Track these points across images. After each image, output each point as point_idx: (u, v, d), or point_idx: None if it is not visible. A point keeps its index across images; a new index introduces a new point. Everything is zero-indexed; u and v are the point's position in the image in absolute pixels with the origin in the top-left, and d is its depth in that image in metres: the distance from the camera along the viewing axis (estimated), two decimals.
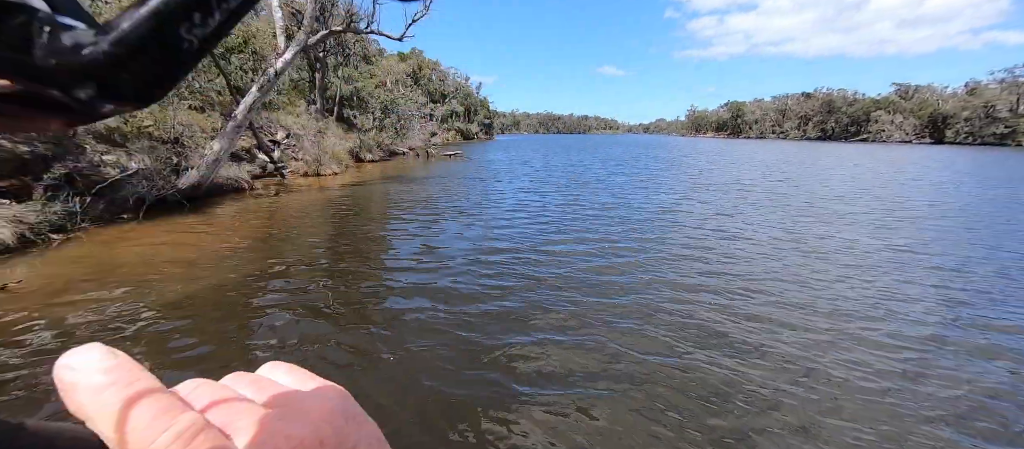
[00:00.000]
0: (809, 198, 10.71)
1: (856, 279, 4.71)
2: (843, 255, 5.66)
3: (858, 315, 3.77)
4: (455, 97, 57.53)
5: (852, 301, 4.09)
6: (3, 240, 4.56)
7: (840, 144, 62.45)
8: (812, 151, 37.76)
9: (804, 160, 25.61)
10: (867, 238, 6.59)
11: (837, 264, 5.25)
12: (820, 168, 19.98)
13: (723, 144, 60.06)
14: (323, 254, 5.46)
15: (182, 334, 3.21)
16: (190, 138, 8.74)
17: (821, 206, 9.53)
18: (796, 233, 6.86)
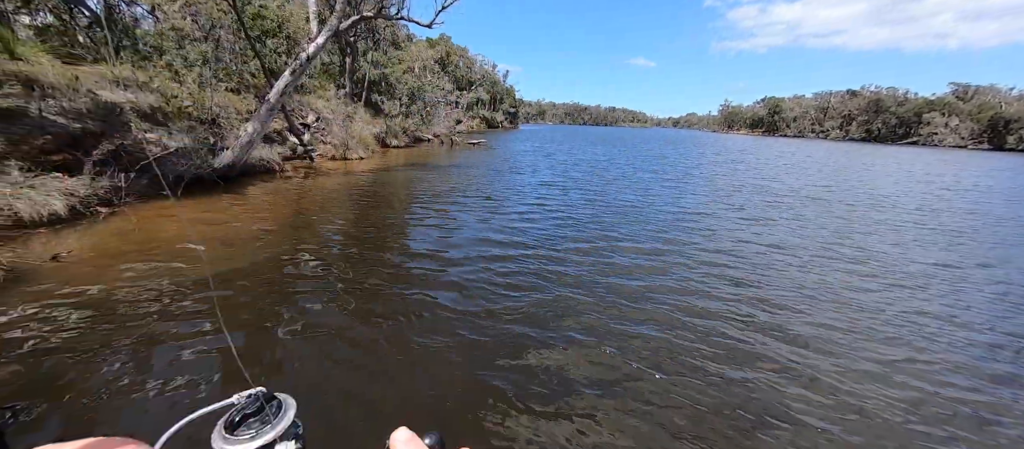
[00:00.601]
0: (852, 205, 10.12)
1: (907, 302, 4.34)
2: (891, 272, 5.24)
3: (910, 343, 3.47)
4: (481, 85, 57.33)
5: (903, 327, 3.75)
6: (56, 211, 4.86)
7: (886, 147, 58.64)
8: (856, 153, 35.62)
9: (848, 163, 24.20)
10: (920, 254, 6.11)
11: (884, 283, 4.87)
12: (865, 172, 18.83)
13: (758, 142, 57.45)
14: (347, 239, 5.57)
15: (206, 307, 3.35)
16: (226, 119, 9.05)
17: (866, 215, 8.98)
18: (838, 245, 6.45)
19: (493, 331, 3.33)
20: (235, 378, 2.57)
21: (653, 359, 3.05)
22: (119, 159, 6.30)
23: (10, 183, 4.73)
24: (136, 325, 3.06)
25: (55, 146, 5.62)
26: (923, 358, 3.28)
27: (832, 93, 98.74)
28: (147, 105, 7.50)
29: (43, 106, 5.67)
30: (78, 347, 2.75)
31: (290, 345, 3.00)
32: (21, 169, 4.95)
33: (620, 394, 2.66)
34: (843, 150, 40.17)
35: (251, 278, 4.02)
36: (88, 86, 6.79)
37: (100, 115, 6.39)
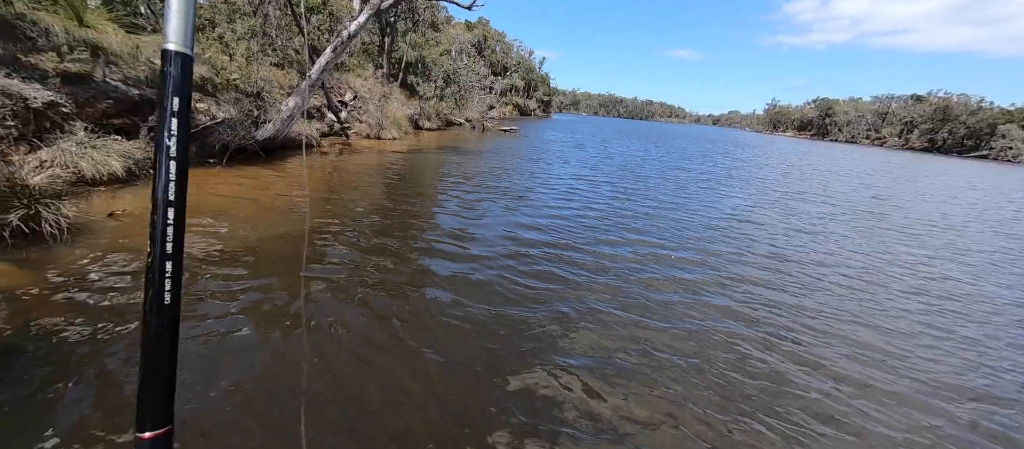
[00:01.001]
0: (911, 221, 9.38)
1: (980, 340, 3.85)
2: (954, 302, 4.71)
3: (982, 393, 3.02)
4: (516, 71, 56.75)
5: (972, 370, 3.29)
6: (114, 172, 5.21)
7: (951, 159, 53.79)
8: (918, 164, 32.89)
9: (907, 173, 22.40)
10: (991, 285, 5.51)
11: (950, 313, 4.39)
12: (926, 184, 17.38)
13: (806, 145, 54.09)
14: (375, 218, 5.68)
15: (250, 270, 3.52)
16: (269, 93, 9.38)
17: (928, 234, 8.30)
18: (895, 266, 5.96)
19: (507, 323, 3.28)
20: (277, 322, 2.68)
21: (674, 372, 2.92)
22: None
23: (77, 142, 5.09)
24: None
25: (116, 110, 5.99)
26: (986, 422, 3.00)
27: (893, 97, 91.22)
28: (199, 76, 7.85)
29: (107, 72, 6.04)
30: (121, 298, 2.95)
31: (312, 308, 3.09)
32: (86, 130, 5.32)
33: (633, 403, 2.57)
34: (903, 160, 37.19)
35: (281, 244, 4.17)
36: (147, 55, 7.18)
37: (157, 83, 6.76)
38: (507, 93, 52.52)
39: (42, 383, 2.15)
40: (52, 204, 3.86)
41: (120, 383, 2.23)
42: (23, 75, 5.04)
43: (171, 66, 0.60)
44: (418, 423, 2.20)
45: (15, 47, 5.26)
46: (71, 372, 2.24)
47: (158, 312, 0.60)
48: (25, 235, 3.54)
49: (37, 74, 5.22)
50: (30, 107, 4.91)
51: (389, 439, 2.08)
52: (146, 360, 0.60)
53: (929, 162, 37.90)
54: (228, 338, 2.71)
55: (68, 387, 2.15)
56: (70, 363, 2.31)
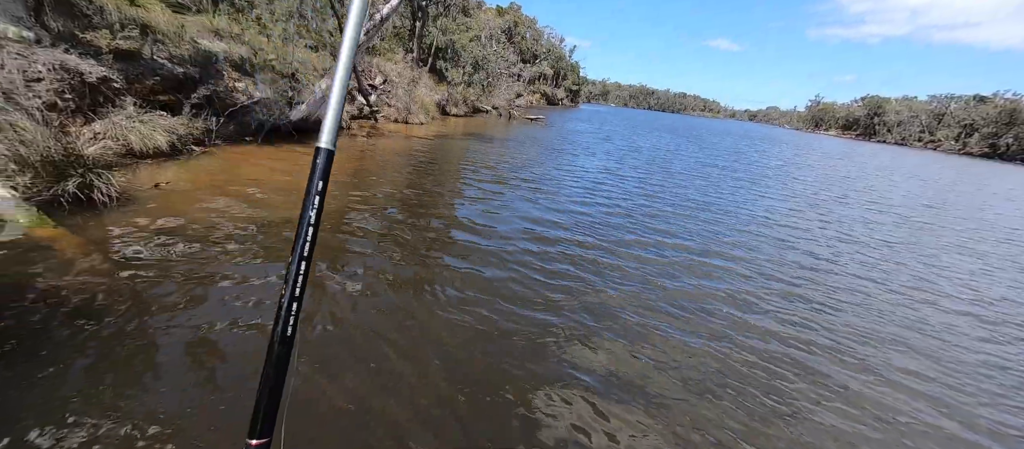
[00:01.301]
0: (968, 233, 8.72)
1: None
2: (1013, 328, 4.32)
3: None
4: (546, 59, 55.86)
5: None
6: (159, 146, 5.49)
7: (1015, 166, 49.40)
8: (979, 170, 30.41)
9: (967, 180, 20.79)
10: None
11: (1007, 342, 4.05)
12: (988, 194, 16.09)
13: (851, 146, 50.96)
14: (400, 202, 5.77)
15: (282, 244, 3.65)
16: (303, 74, 9.61)
17: (987, 248, 7.70)
18: (946, 280, 5.56)
19: (521, 314, 3.26)
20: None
21: (693, 378, 2.82)
22: (212, 104, 6.94)
23: (126, 116, 5.38)
24: (215, 250, 3.41)
25: (162, 87, 6.29)
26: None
27: (953, 97, 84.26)
28: (238, 56, 8.13)
29: (155, 50, 6.33)
30: (167, 263, 3.12)
31: (330, 285, 3.18)
32: (135, 105, 5.61)
33: (646, 409, 2.47)
34: (964, 165, 34.47)
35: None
36: (191, 34, 7.48)
37: (200, 62, 7.04)
38: (535, 81, 51.87)
39: (79, 344, 2.31)
40: (103, 174, 4.11)
41: (160, 342, 2.37)
42: (80, 51, 5.35)
43: (320, 158, 0.79)
44: (412, 416, 2.23)
45: (73, 24, 5.58)
46: (119, 327, 2.40)
47: (281, 341, 0.72)
48: (79, 201, 3.79)
49: (92, 50, 5.53)
50: (86, 81, 5.21)
51: (384, 432, 2.12)
52: (265, 378, 0.72)
53: (991, 169, 34.97)
54: (244, 311, 2.83)
55: (114, 344, 2.30)
56: (116, 318, 2.47)
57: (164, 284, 2.91)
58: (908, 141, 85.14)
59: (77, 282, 2.78)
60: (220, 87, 7.21)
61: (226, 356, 2.37)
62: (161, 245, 3.42)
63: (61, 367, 2.11)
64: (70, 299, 2.60)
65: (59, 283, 2.74)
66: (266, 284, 3.11)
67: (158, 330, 2.48)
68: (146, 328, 2.47)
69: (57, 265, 2.93)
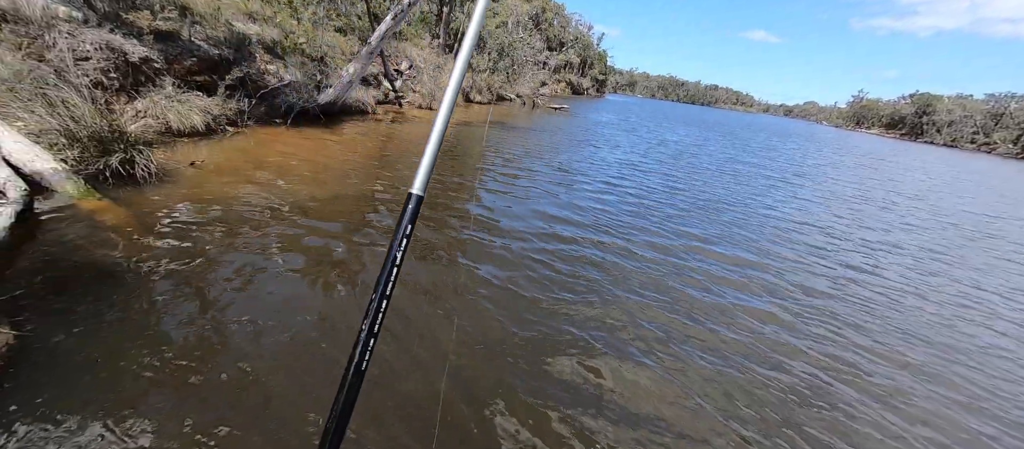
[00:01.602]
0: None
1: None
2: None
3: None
4: (573, 47, 54.76)
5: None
6: (195, 126, 5.71)
7: None
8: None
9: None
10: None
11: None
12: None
13: (896, 146, 47.94)
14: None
15: (305, 224, 3.77)
16: (332, 58, 9.75)
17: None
18: (1006, 301, 5.21)
19: (534, 312, 3.15)
20: (320, 275, 2.88)
21: (711, 394, 2.66)
22: (245, 85, 7.15)
23: (165, 96, 5.61)
24: (246, 228, 3.54)
25: (199, 68, 6.51)
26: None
27: (1014, 96, 77.69)
28: (270, 39, 8.31)
29: (192, 31, 6.54)
30: (201, 238, 3.26)
31: (350, 261, 3.25)
32: (173, 85, 5.83)
33: (656, 426, 2.32)
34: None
35: (333, 205, 4.40)
36: (227, 17, 7.68)
37: (234, 44, 7.24)
38: (561, 69, 51.00)
39: (121, 309, 2.45)
40: (144, 150, 4.31)
41: (190, 318, 2.48)
42: (123, 31, 5.58)
43: (410, 203, 0.84)
44: (423, 392, 2.26)
45: (117, 4, 5.81)
46: (149, 297, 2.54)
47: (355, 373, 0.76)
48: (121, 176, 4.00)
49: (135, 30, 5.76)
50: (129, 61, 5.45)
51: (395, 406, 2.16)
52: (337, 405, 0.76)
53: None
54: (279, 283, 2.92)
55: (143, 310, 2.43)
56: (154, 292, 2.60)
57: (193, 256, 3.04)
58: (959, 142, 79.28)
59: (117, 250, 2.94)
60: (252, 69, 7.40)
61: (261, 335, 2.46)
62: (193, 220, 3.57)
63: (93, 330, 2.24)
64: (109, 265, 2.76)
65: (100, 251, 2.90)
66: (292, 264, 3.21)
67: (185, 301, 2.60)
68: (175, 298, 2.60)
69: (102, 235, 3.10)
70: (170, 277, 2.77)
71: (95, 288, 2.55)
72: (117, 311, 2.40)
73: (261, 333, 2.44)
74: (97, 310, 2.38)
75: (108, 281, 2.63)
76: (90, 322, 2.29)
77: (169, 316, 2.45)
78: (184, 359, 2.16)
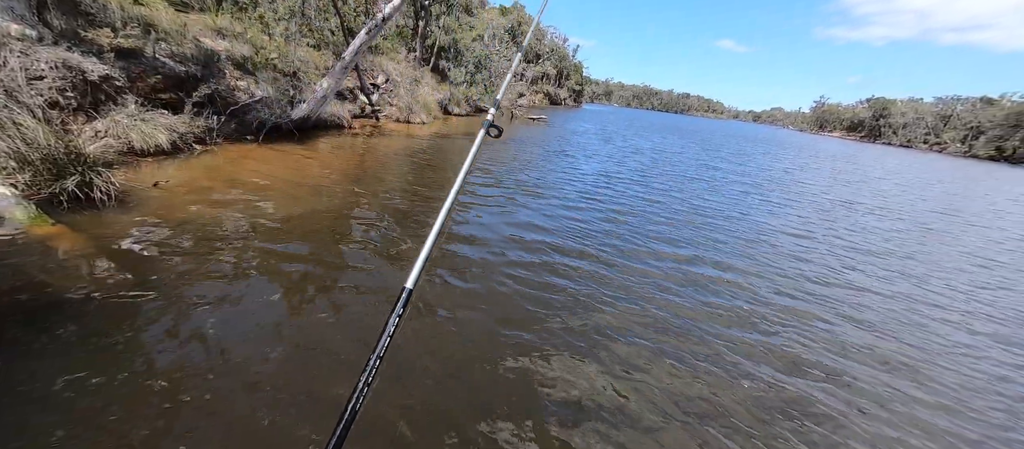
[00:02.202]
0: (985, 241, 8.65)
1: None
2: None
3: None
4: (549, 59, 55.79)
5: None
6: (160, 144, 5.51)
7: (1021, 169, 48.99)
8: (988, 173, 30.15)
9: (981, 186, 20.63)
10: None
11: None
12: (1001, 197, 15.95)
13: (856, 148, 50.55)
14: (399, 202, 5.77)
15: (280, 245, 3.65)
16: (305, 73, 9.63)
17: (1007, 258, 7.63)
18: (963, 295, 5.48)
19: (506, 334, 3.00)
20: (296, 297, 2.79)
21: (691, 410, 2.60)
22: (214, 102, 6.96)
23: (127, 114, 5.40)
24: (212, 250, 3.41)
25: (164, 86, 6.31)
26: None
27: (959, 99, 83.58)
28: (240, 55, 8.14)
29: (157, 48, 6.35)
30: (162, 262, 3.13)
31: (327, 284, 3.18)
32: (136, 104, 5.63)
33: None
34: (974, 170, 34.19)
35: (308, 223, 4.30)
36: (194, 33, 7.50)
37: (201, 60, 7.06)
38: (538, 81, 51.80)
39: (78, 340, 2.31)
40: (103, 172, 4.12)
41: (152, 348, 2.37)
42: (82, 49, 5.37)
43: (403, 297, 0.97)
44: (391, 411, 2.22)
45: (75, 22, 5.60)
46: (109, 328, 2.41)
47: (346, 424, 0.82)
48: (78, 199, 3.81)
49: (94, 48, 5.55)
50: (88, 79, 5.23)
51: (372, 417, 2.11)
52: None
53: (999, 172, 34.65)
54: (240, 312, 2.82)
55: (103, 343, 2.31)
56: (106, 320, 2.47)
57: (157, 283, 2.91)
58: (913, 143, 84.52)
59: (71, 279, 2.78)
60: (222, 85, 7.23)
61: (222, 355, 2.36)
62: (156, 244, 3.42)
63: (49, 362, 2.11)
64: (63, 296, 2.61)
65: (53, 280, 2.75)
66: (263, 285, 3.11)
67: (149, 331, 2.48)
68: (137, 328, 2.48)
69: (53, 262, 2.94)
70: (128, 306, 2.64)
71: (45, 318, 2.41)
72: (70, 342, 2.27)
73: (230, 366, 2.35)
74: (47, 342, 2.24)
75: (60, 311, 2.49)
76: (40, 355, 2.15)
77: (127, 348, 2.33)
78: (143, 395, 2.05)
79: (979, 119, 76.71)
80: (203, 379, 2.18)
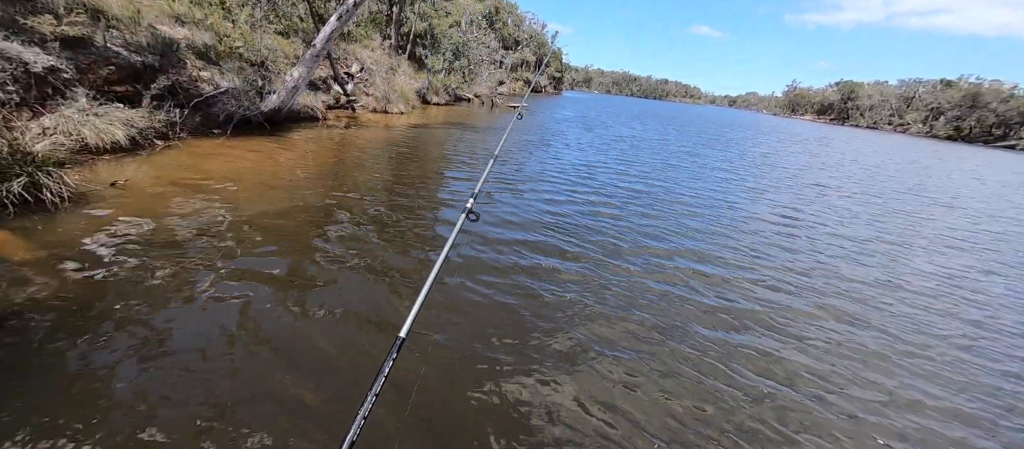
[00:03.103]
0: (948, 215, 9.07)
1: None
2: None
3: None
4: (528, 45, 55.16)
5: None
6: (118, 140, 5.16)
7: (978, 148, 51.81)
8: (949, 153, 31.68)
9: (943, 164, 21.63)
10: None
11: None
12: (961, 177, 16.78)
13: (826, 130, 52.24)
14: (379, 196, 5.61)
15: (254, 245, 3.48)
16: (273, 62, 9.19)
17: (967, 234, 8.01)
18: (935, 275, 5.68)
19: (487, 339, 2.81)
20: (271, 297, 2.66)
21: (672, 411, 2.57)
22: (175, 95, 6.56)
23: (78, 109, 5.02)
24: (177, 253, 3.22)
25: (118, 77, 5.89)
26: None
27: (921, 81, 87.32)
28: (201, 43, 7.68)
29: (107, 36, 5.91)
30: (122, 268, 2.93)
31: (305, 284, 3.06)
32: (88, 97, 5.23)
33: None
34: (935, 149, 35.88)
35: (283, 221, 4.12)
36: (149, 20, 7.01)
37: (158, 49, 6.62)
38: (517, 68, 51.25)
39: (33, 352, 2.14)
40: (53, 172, 3.83)
41: (109, 360, 2.21)
42: (22, 38, 4.93)
43: (396, 345, 1.03)
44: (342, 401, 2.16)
45: (12, 8, 5.13)
46: (64, 340, 2.24)
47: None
48: (27, 202, 3.52)
49: (36, 37, 5.11)
50: (31, 72, 4.82)
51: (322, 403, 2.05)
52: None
53: (955, 151, 36.51)
54: (208, 321, 2.68)
55: (61, 355, 2.14)
56: (63, 331, 2.30)
57: (116, 291, 2.72)
58: (879, 125, 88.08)
59: (16, 290, 2.57)
60: (183, 77, 6.81)
61: (185, 371, 2.23)
62: (116, 248, 3.20)
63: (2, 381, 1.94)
64: (5, 310, 2.41)
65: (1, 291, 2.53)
66: (234, 289, 2.96)
67: (109, 344, 2.32)
68: (95, 341, 2.31)
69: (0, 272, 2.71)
70: (78, 317, 2.46)
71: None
72: (10, 360, 2.10)
73: (195, 382, 2.22)
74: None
75: (1, 326, 2.30)
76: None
77: (76, 366, 2.16)
78: (95, 416, 1.92)
79: (939, 100, 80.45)
80: (160, 403, 2.05)
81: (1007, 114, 70.14)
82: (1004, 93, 73.40)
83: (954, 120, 76.54)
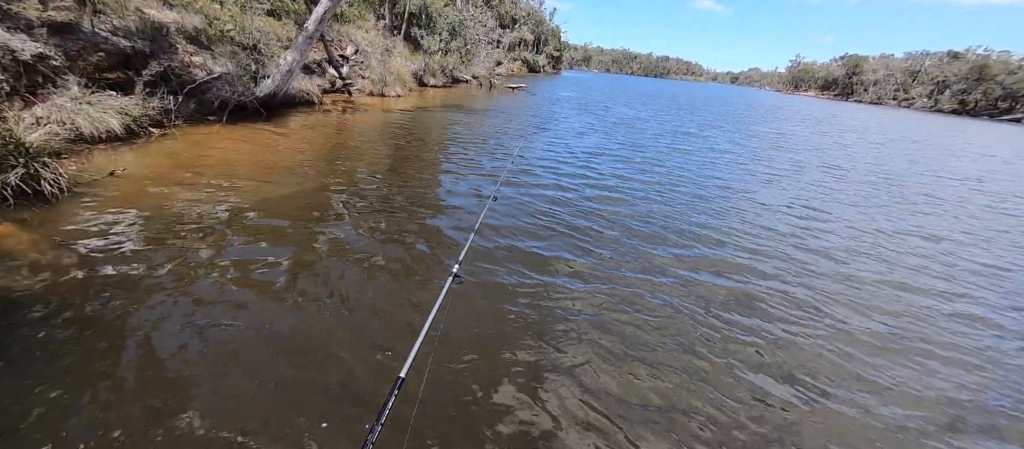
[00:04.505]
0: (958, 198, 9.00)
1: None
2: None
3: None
4: (526, 24, 53.88)
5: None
6: (113, 129, 5.09)
7: (985, 122, 50.88)
8: (952, 126, 31.17)
9: (951, 141, 21.33)
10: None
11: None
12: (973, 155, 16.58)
13: (831, 107, 51.19)
14: (377, 182, 5.57)
15: (254, 232, 3.48)
16: (266, 46, 8.99)
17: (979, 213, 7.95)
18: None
19: (484, 333, 2.71)
20: (267, 290, 2.68)
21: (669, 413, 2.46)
22: (168, 81, 6.44)
23: (71, 98, 4.94)
24: (179, 242, 3.22)
25: (109, 64, 5.77)
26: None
27: (928, 54, 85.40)
28: (191, 27, 7.50)
29: (95, 21, 5.76)
30: (126, 257, 2.94)
31: (309, 272, 3.07)
32: (80, 85, 5.14)
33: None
34: (945, 124, 35.33)
35: (284, 207, 4.11)
36: (136, 3, 6.82)
37: (148, 34, 6.46)
38: (515, 47, 50.22)
39: (41, 342, 2.17)
40: (50, 162, 3.79)
41: (118, 344, 2.24)
42: (8, 25, 4.81)
43: (397, 385, 1.10)
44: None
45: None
46: (70, 330, 2.26)
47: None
48: (25, 194, 3.50)
49: (22, 23, 4.98)
50: (19, 60, 4.72)
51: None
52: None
53: (960, 125, 35.89)
54: (212, 309, 2.70)
55: (67, 345, 2.17)
56: (69, 321, 2.32)
57: (121, 283, 2.73)
58: (884, 100, 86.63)
59: (26, 281, 2.58)
60: (175, 62, 6.68)
61: (190, 360, 2.26)
62: (118, 237, 3.20)
63: (12, 369, 1.97)
64: (11, 302, 2.42)
65: (5, 283, 2.54)
66: (235, 277, 2.97)
67: (116, 332, 2.34)
68: (103, 330, 2.33)
69: (3, 264, 2.71)
70: (85, 308, 2.47)
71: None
72: (15, 354, 2.12)
73: (200, 374, 2.25)
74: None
75: (7, 318, 2.31)
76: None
77: (82, 357, 2.19)
78: (100, 411, 1.95)
79: (945, 73, 78.88)
80: (170, 397, 2.08)
81: (1014, 86, 68.84)
82: (1012, 65, 71.85)
83: (959, 94, 75.20)
